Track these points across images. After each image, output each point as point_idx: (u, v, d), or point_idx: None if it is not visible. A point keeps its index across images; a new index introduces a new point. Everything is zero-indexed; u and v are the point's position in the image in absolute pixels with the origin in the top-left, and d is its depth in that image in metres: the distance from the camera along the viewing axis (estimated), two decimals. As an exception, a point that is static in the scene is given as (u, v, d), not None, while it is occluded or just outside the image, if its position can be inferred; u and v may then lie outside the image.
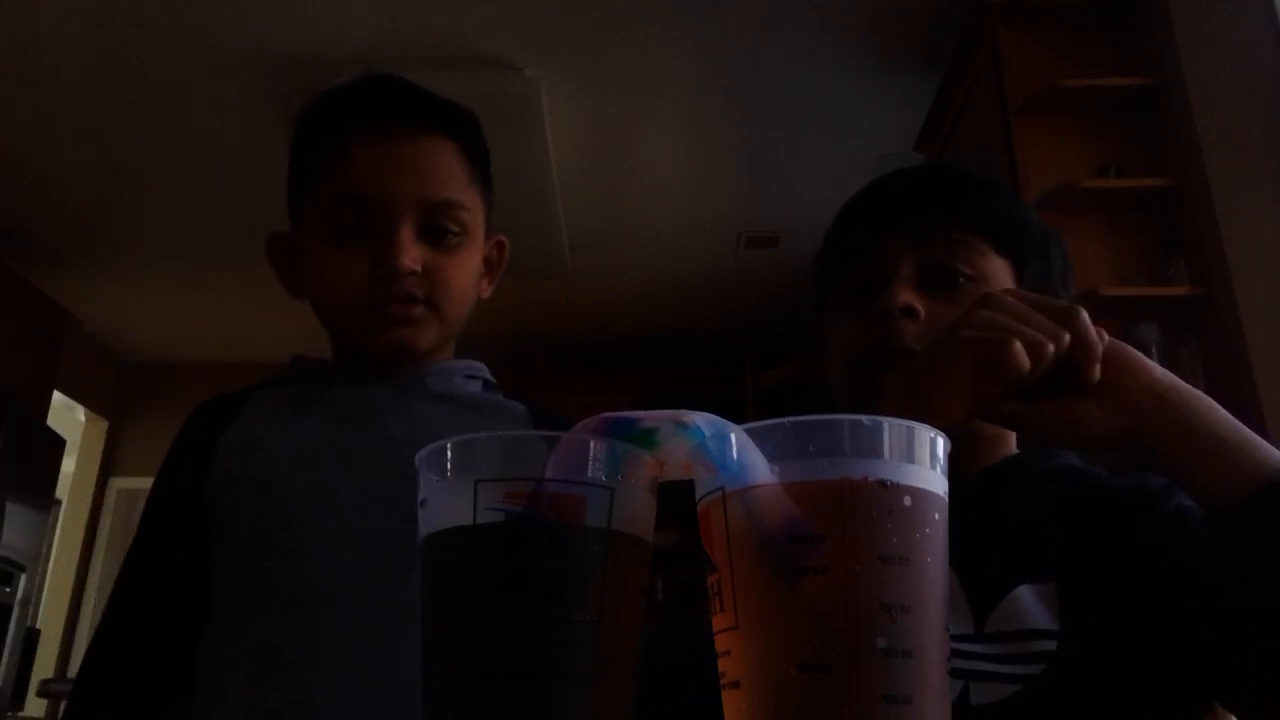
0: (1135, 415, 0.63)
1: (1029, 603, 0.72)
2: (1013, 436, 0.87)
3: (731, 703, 0.38)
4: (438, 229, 0.90)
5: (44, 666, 4.67)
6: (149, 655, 0.88)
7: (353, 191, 0.88)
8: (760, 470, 0.38)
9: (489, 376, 1.01)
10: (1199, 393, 0.64)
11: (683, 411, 0.41)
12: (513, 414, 0.98)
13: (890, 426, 0.39)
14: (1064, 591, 0.72)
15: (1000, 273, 0.82)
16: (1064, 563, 0.74)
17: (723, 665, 0.39)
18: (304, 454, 0.88)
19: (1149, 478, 0.78)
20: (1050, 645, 0.70)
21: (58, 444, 4.38)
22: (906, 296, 0.79)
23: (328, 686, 0.79)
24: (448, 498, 0.40)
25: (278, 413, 0.93)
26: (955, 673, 0.69)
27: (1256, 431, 0.63)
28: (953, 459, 0.41)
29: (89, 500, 5.30)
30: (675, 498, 0.45)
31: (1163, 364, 2.09)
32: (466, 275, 0.93)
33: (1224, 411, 0.64)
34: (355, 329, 0.90)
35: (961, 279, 0.81)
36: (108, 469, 5.43)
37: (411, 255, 0.87)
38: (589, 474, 0.40)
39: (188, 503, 0.89)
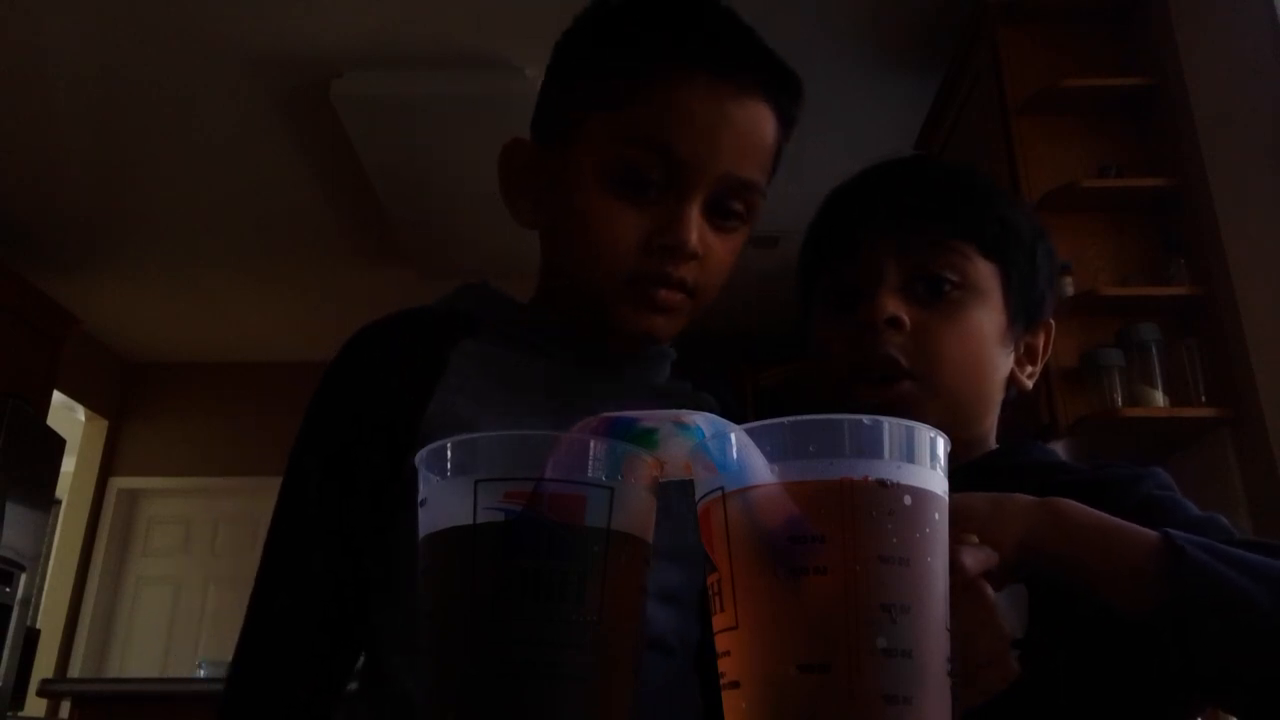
0: (1016, 548, 0.61)
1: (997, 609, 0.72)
2: (992, 431, 0.86)
3: (731, 703, 0.38)
4: (725, 209, 0.78)
5: (44, 666, 4.67)
6: (330, 625, 0.78)
7: (666, 142, 0.74)
8: (760, 470, 0.38)
9: (673, 354, 0.92)
10: (1065, 501, 0.63)
11: (683, 411, 0.41)
12: (706, 409, 0.88)
13: (890, 426, 0.38)
14: (1033, 591, 0.72)
15: (987, 276, 0.82)
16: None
17: (723, 665, 0.39)
18: None
19: (1118, 467, 0.78)
20: (1014, 654, 0.69)
21: (58, 444, 4.38)
22: (892, 307, 0.78)
23: None
24: (448, 498, 0.40)
25: (486, 383, 0.80)
26: None
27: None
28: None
29: (89, 500, 5.31)
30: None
31: (1162, 364, 2.09)
32: (730, 267, 0.81)
33: (1088, 509, 0.63)
34: (605, 298, 0.78)
35: (948, 286, 0.80)
36: (108, 469, 5.43)
37: (701, 235, 0.76)
38: (589, 474, 0.40)
39: (384, 468, 0.76)
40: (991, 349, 0.82)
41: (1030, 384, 0.86)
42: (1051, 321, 0.89)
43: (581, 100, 0.79)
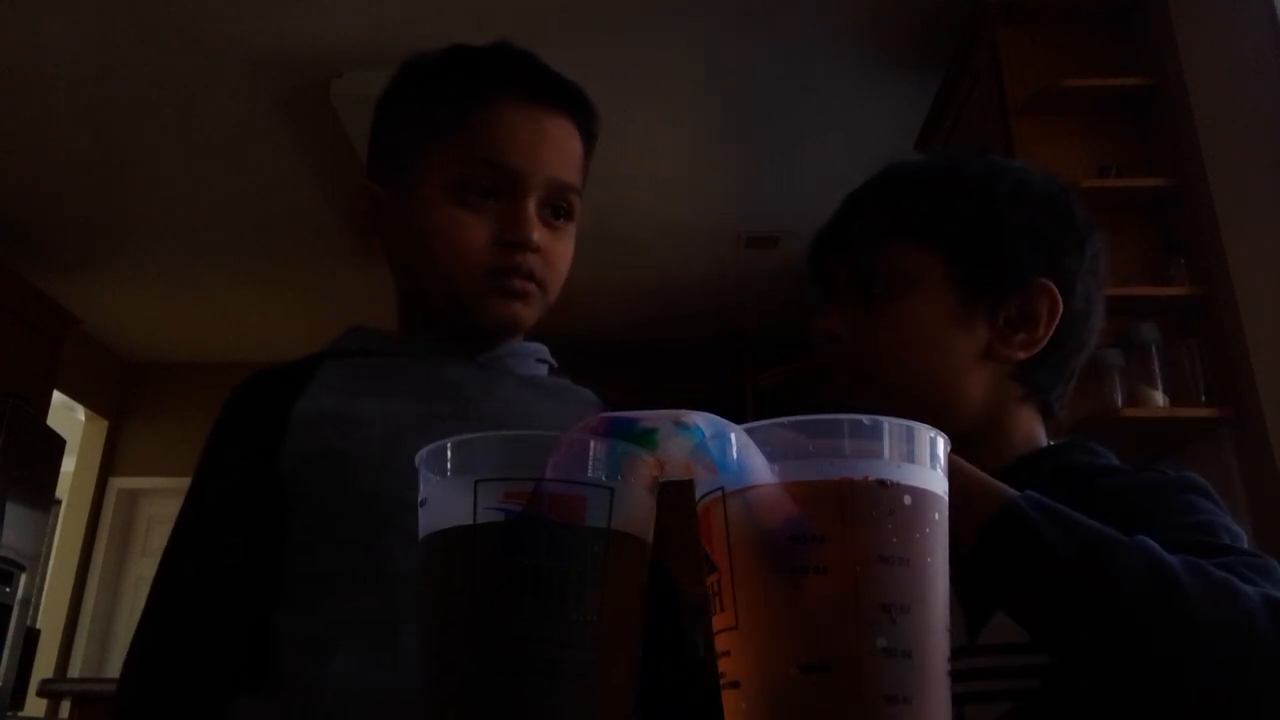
0: None
1: None
2: (1036, 429, 0.84)
3: (731, 703, 0.38)
4: (554, 209, 0.91)
5: (44, 666, 4.67)
6: (218, 630, 0.85)
7: (496, 157, 0.87)
8: (760, 470, 0.38)
9: (552, 360, 1.01)
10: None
11: (683, 411, 0.41)
12: (585, 400, 0.98)
13: (890, 426, 0.38)
14: None
15: (921, 264, 0.82)
16: None
17: (723, 665, 0.39)
18: (393, 431, 0.84)
19: (1164, 471, 0.77)
20: (1045, 658, 0.69)
21: (58, 444, 4.38)
22: (823, 325, 0.84)
23: None
24: (448, 497, 0.40)
25: (356, 386, 0.89)
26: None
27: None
28: (969, 455, 0.41)
29: (89, 500, 5.30)
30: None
31: (1162, 364, 2.06)
32: (568, 259, 0.94)
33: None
34: (468, 294, 0.88)
35: (876, 285, 0.82)
36: (108, 469, 5.43)
37: (539, 231, 0.88)
38: (589, 474, 0.40)
39: (258, 474, 0.85)
40: (936, 331, 0.81)
41: (1022, 352, 0.81)
42: (1046, 282, 0.81)
43: (415, 139, 0.91)
